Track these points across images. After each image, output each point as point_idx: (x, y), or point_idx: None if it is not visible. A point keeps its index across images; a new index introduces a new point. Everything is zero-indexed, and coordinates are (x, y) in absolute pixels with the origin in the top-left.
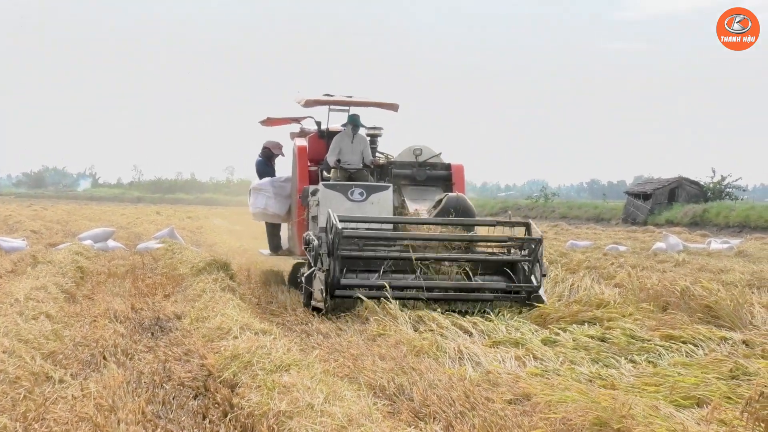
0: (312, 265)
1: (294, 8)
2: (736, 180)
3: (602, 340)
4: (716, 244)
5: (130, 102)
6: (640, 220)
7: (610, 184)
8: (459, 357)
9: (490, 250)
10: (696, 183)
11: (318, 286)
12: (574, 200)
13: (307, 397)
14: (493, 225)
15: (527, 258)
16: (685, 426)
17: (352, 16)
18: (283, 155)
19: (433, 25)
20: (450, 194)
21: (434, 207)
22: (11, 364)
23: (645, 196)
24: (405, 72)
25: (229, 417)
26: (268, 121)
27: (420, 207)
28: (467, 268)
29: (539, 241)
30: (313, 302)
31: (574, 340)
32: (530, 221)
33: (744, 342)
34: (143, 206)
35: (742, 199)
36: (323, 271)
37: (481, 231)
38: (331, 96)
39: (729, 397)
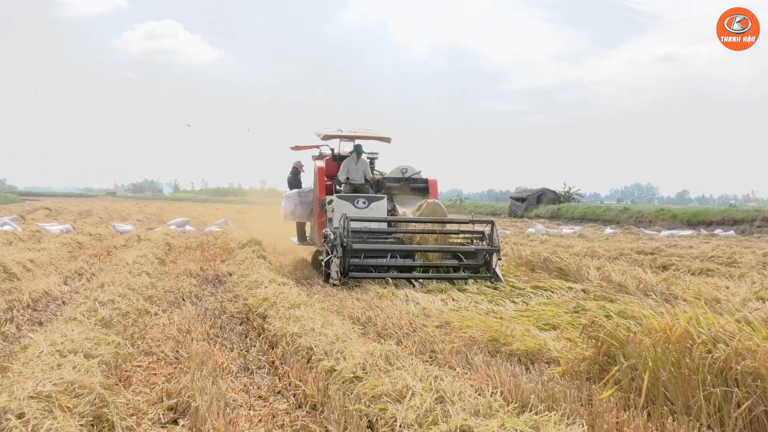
0: (330, 253)
1: (313, 71)
2: (578, 190)
3: (495, 289)
4: (566, 229)
5: (201, 133)
6: (519, 215)
7: (501, 192)
8: (406, 299)
9: (459, 241)
10: (553, 191)
11: (334, 269)
12: (479, 202)
13: (311, 324)
14: (467, 222)
15: (489, 248)
16: (545, 341)
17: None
18: (303, 171)
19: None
20: (429, 200)
21: (417, 210)
22: (124, 304)
23: (522, 200)
24: (387, 112)
25: (261, 336)
26: (297, 147)
27: (406, 210)
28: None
29: (497, 249)
30: (331, 280)
31: (477, 289)
32: (494, 220)
33: (583, 290)
34: (208, 204)
35: (581, 202)
36: (338, 257)
37: (452, 226)
38: (341, 131)
39: (572, 324)
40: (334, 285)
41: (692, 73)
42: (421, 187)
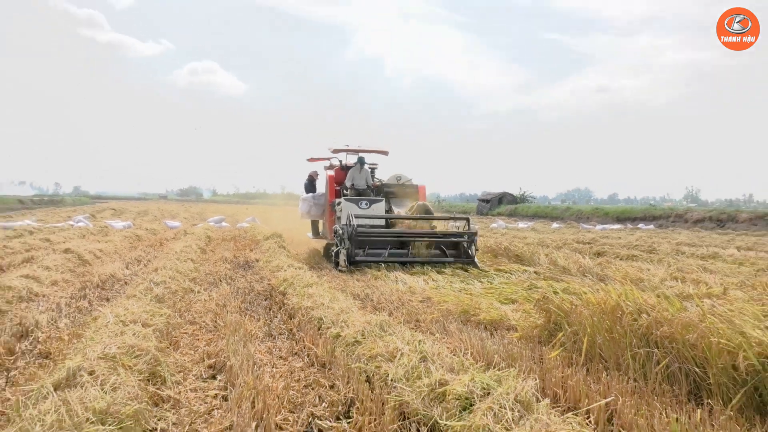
0: (338, 245)
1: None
2: (530, 193)
3: (466, 271)
4: (521, 224)
5: (234, 148)
6: (484, 213)
7: (471, 194)
8: (395, 280)
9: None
10: (512, 194)
11: (342, 258)
12: (453, 203)
13: (321, 300)
14: (446, 219)
15: (467, 240)
16: (506, 312)
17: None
18: (317, 178)
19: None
20: (418, 202)
21: (409, 210)
22: (173, 284)
23: (487, 201)
24: (385, 129)
25: (282, 309)
26: (312, 159)
27: (400, 210)
28: (433, 246)
29: (475, 233)
30: (339, 267)
31: (451, 272)
32: (469, 216)
33: (535, 272)
34: (239, 206)
35: (533, 202)
36: (345, 249)
37: (439, 223)
38: (348, 146)
39: (527, 299)
40: (341, 270)
41: (619, 100)
42: (412, 192)
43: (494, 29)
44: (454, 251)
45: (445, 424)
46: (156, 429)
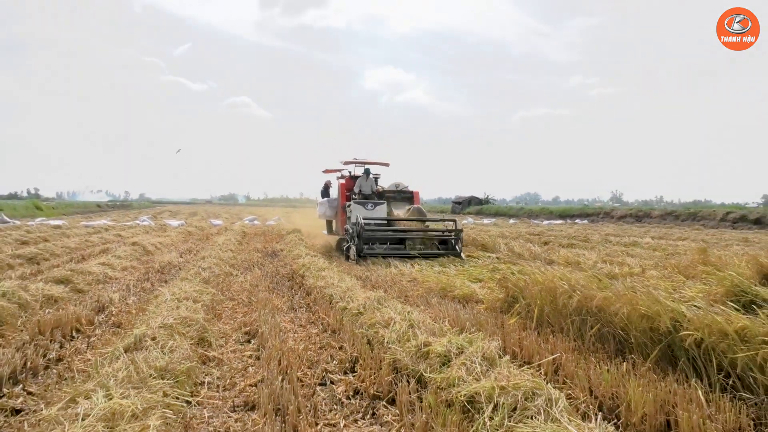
0: (349, 241)
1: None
2: (492, 196)
3: (444, 257)
4: (486, 221)
5: (263, 162)
6: (457, 212)
7: (447, 198)
8: (389, 265)
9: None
10: (478, 197)
11: (352, 251)
12: (433, 205)
13: (331, 281)
14: (436, 221)
15: (454, 237)
16: (474, 289)
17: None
18: (331, 186)
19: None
20: (414, 206)
21: (406, 212)
22: (216, 269)
23: (459, 203)
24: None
25: (301, 288)
26: (327, 170)
27: (399, 212)
28: (426, 242)
29: (461, 230)
30: (349, 259)
31: (432, 258)
32: (455, 218)
33: (497, 257)
34: (268, 208)
35: (495, 203)
36: (354, 244)
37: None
38: (356, 159)
39: (491, 278)
40: (350, 261)
41: (558, 125)
42: (408, 196)
43: (464, 72)
44: (443, 246)
45: (429, 376)
46: (204, 382)
